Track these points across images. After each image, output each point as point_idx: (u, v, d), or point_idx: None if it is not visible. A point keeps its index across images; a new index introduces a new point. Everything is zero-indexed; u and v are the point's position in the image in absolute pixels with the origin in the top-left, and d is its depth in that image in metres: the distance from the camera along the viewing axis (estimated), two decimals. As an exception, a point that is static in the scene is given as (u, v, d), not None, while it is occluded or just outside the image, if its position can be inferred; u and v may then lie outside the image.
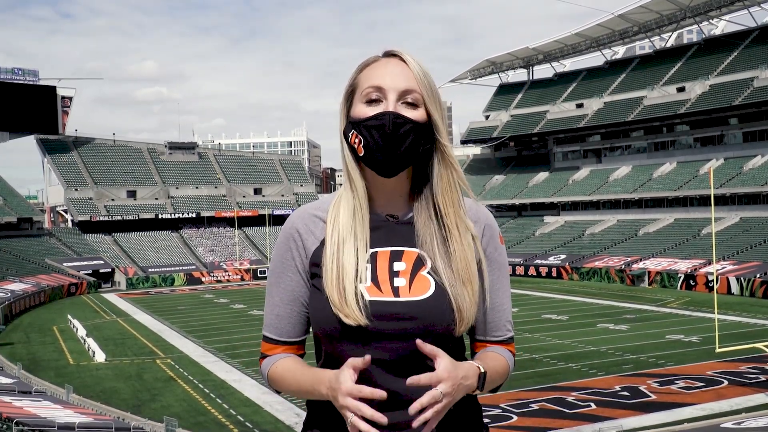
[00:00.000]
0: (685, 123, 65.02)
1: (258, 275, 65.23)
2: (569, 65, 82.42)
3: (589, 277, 53.30)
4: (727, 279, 43.33)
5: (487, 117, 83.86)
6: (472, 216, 1.79)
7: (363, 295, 1.65)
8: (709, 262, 43.48)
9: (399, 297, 1.65)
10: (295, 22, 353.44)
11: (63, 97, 74.72)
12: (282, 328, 1.79)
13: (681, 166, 63.24)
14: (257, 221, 75.61)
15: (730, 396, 20.68)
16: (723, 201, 54.85)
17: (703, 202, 56.19)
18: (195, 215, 74.89)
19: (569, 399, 20.89)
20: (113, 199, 73.33)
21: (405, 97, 1.66)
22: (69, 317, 39.84)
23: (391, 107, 1.64)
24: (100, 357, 29.72)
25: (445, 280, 1.68)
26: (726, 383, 22.07)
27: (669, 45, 74.70)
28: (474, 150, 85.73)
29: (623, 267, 51.60)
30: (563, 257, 57.80)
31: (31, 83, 72.65)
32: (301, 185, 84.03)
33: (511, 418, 19.17)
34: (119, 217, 71.59)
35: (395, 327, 1.63)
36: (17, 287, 49.47)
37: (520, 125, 78.74)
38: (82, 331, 34.74)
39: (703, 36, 72.69)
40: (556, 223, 67.70)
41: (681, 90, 65.69)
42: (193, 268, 66.19)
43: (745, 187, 54.59)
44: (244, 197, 79.68)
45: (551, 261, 57.92)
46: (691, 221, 56.85)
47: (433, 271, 1.69)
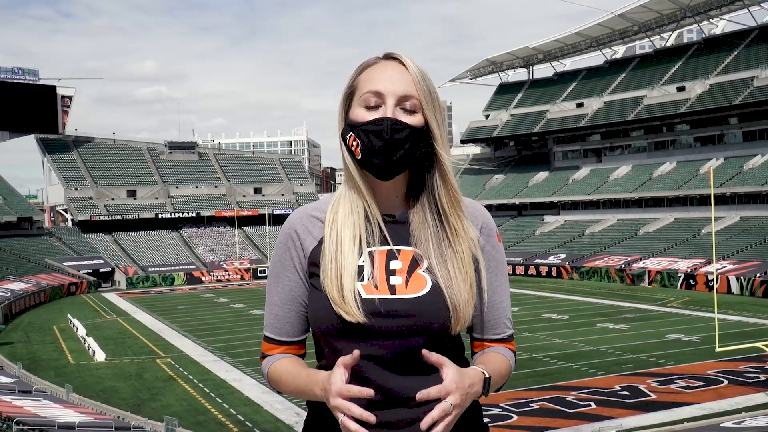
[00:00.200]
0: (685, 122, 65.02)
1: (258, 275, 65.25)
2: (569, 65, 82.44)
3: (589, 277, 53.31)
4: (727, 278, 43.33)
5: (487, 116, 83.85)
6: (469, 215, 1.79)
7: (360, 293, 1.66)
8: (709, 261, 43.48)
9: (396, 294, 1.67)
10: (295, 22, 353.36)
11: (63, 97, 74.71)
12: (282, 327, 1.80)
13: (681, 165, 63.23)
14: (257, 221, 75.65)
15: (730, 395, 20.67)
16: (723, 200, 54.85)
17: (703, 201, 56.20)
18: (195, 215, 74.91)
19: (569, 398, 20.89)
20: (113, 199, 73.35)
21: (403, 103, 1.66)
22: (69, 317, 39.86)
23: (390, 113, 1.65)
24: (100, 356, 29.72)
25: (441, 279, 1.69)
26: (726, 383, 22.07)
27: (669, 44, 74.66)
28: (474, 149, 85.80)
29: (623, 266, 51.60)
30: (563, 257, 57.81)
31: (31, 83, 72.64)
32: (301, 185, 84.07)
33: (511, 417, 19.17)
34: (119, 217, 71.62)
35: (392, 324, 1.65)
36: (17, 287, 49.47)
37: (520, 125, 78.75)
38: (82, 331, 34.74)
39: (703, 35, 72.68)
40: (556, 223, 67.71)
41: (681, 89, 65.69)
42: (193, 267, 66.21)
43: (745, 187, 54.59)
44: (244, 197, 79.70)
45: (551, 260, 57.92)
46: (691, 221, 56.86)
47: (429, 270, 1.70)
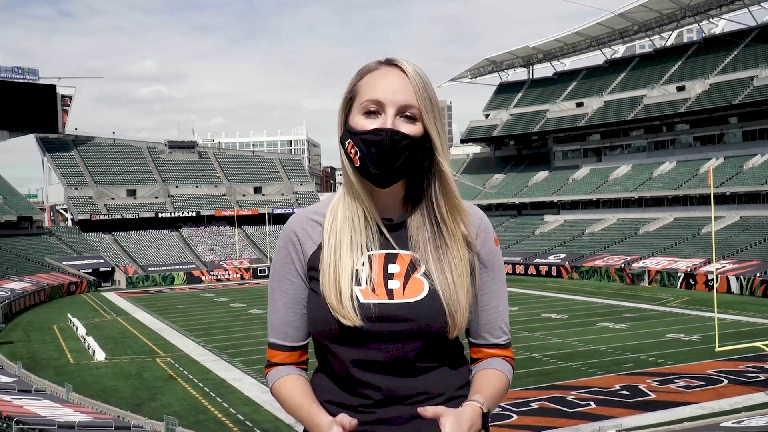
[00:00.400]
0: (685, 122, 65.02)
1: (258, 274, 65.23)
2: (569, 64, 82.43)
3: (589, 276, 53.31)
4: (727, 278, 43.33)
5: (487, 116, 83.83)
6: (466, 218, 1.79)
7: (358, 298, 1.67)
8: (709, 261, 43.47)
9: (393, 299, 1.67)
10: (295, 21, 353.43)
11: (63, 96, 74.72)
12: (286, 332, 1.81)
13: (681, 165, 63.22)
14: (257, 220, 75.66)
15: (729, 395, 20.66)
16: (723, 200, 54.86)
17: (703, 201, 56.20)
18: (195, 214, 74.91)
19: (569, 398, 20.89)
20: (113, 198, 73.35)
21: (404, 112, 1.65)
22: (69, 316, 39.86)
23: (389, 123, 1.64)
24: (99, 356, 29.72)
25: (438, 283, 1.69)
26: (726, 382, 22.07)
27: (669, 44, 74.65)
28: (474, 149, 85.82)
29: (623, 266, 51.60)
30: (563, 256, 57.80)
31: (31, 82, 72.63)
32: (301, 184, 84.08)
33: (511, 417, 19.17)
34: (119, 216, 71.62)
35: (390, 328, 1.66)
36: (17, 286, 49.46)
37: (520, 124, 78.74)
38: (81, 330, 34.74)
39: (703, 35, 72.68)
40: (556, 222, 67.71)
41: (681, 89, 65.69)
42: (193, 267, 66.21)
43: (745, 186, 54.59)
44: (244, 196, 79.71)
45: (551, 260, 57.92)
46: (691, 220, 56.86)
47: (427, 274, 1.70)
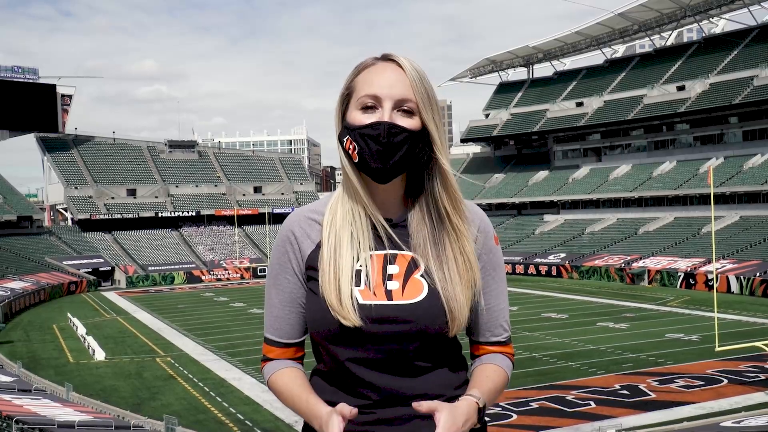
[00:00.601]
0: (685, 122, 65.01)
1: (258, 273, 65.24)
2: (569, 64, 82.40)
3: (589, 276, 53.30)
4: (727, 278, 43.33)
5: (487, 115, 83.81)
6: (467, 217, 1.79)
7: (358, 299, 1.66)
8: (709, 260, 43.47)
9: (392, 300, 1.67)
10: (295, 21, 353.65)
11: (63, 96, 74.69)
12: (282, 329, 1.81)
13: (681, 164, 63.22)
14: (257, 220, 75.68)
15: (729, 395, 20.66)
16: (723, 200, 54.85)
17: (703, 200, 56.20)
18: (195, 214, 74.91)
19: (569, 398, 20.89)
20: (113, 198, 73.35)
21: (401, 106, 1.65)
22: (69, 315, 39.86)
23: (387, 117, 1.64)
24: (99, 355, 29.72)
25: (438, 281, 1.69)
26: (725, 382, 22.07)
27: (669, 44, 74.63)
28: (474, 149, 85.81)
29: (623, 266, 51.60)
30: (563, 256, 57.80)
31: (31, 81, 72.62)
32: (301, 184, 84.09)
33: (511, 416, 19.17)
34: (119, 216, 71.62)
35: (389, 330, 1.65)
36: (17, 285, 49.46)
37: (520, 124, 78.72)
38: (81, 330, 34.74)
39: (703, 35, 72.66)
40: (555, 222, 67.70)
41: (681, 89, 65.67)
42: (193, 266, 66.21)
43: (745, 186, 54.58)
44: (243, 196, 79.71)
45: (551, 260, 57.92)
46: (691, 220, 56.86)
47: (426, 274, 1.70)
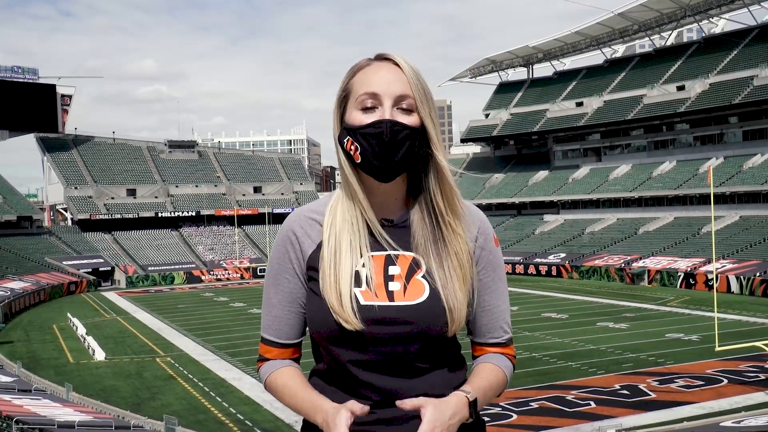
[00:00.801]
0: (685, 121, 64.99)
1: (258, 273, 65.21)
2: (569, 64, 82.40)
3: (589, 276, 53.30)
4: (727, 277, 43.32)
5: (487, 115, 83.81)
6: (466, 218, 1.78)
7: (359, 300, 1.66)
8: (709, 260, 43.47)
9: (394, 301, 1.66)
10: (295, 21, 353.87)
11: (63, 96, 74.66)
12: (281, 329, 1.80)
13: (681, 164, 63.21)
14: (257, 220, 75.67)
15: (729, 395, 20.66)
16: (723, 200, 54.84)
17: (703, 200, 56.19)
18: (195, 214, 74.90)
19: (569, 397, 20.88)
20: (113, 198, 73.34)
21: (400, 103, 1.65)
22: (69, 316, 39.84)
23: (387, 114, 1.63)
24: (99, 355, 29.71)
25: (438, 281, 1.68)
26: (725, 382, 22.06)
27: (669, 43, 74.62)
28: (474, 149, 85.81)
29: (623, 265, 51.60)
30: (563, 256, 57.80)
31: (31, 81, 72.60)
32: (301, 184, 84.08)
33: (511, 416, 19.17)
34: (119, 216, 71.62)
35: (390, 331, 1.65)
36: (17, 285, 49.45)
37: (519, 124, 78.72)
38: (81, 330, 34.73)
39: (703, 34, 72.65)
40: (555, 222, 67.70)
41: (681, 88, 65.66)
42: (193, 266, 66.21)
43: (745, 186, 54.58)
44: (243, 196, 79.70)
45: (551, 259, 57.92)
46: (691, 220, 56.85)
47: (428, 274, 1.69)
